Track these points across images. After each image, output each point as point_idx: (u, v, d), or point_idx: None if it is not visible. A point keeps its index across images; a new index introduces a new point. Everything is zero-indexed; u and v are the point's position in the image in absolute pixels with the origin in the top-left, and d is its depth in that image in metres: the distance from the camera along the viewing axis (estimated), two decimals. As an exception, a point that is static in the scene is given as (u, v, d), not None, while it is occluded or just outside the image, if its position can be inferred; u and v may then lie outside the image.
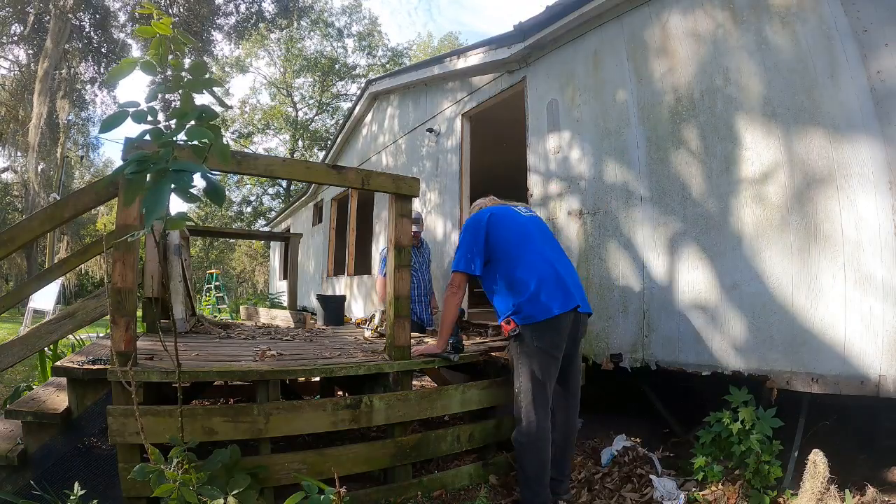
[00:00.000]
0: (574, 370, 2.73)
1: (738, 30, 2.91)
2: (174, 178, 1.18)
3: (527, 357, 2.48)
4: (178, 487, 1.66)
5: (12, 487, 2.28)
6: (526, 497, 2.50)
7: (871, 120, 2.35)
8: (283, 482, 2.27)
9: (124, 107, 1.31)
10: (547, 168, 4.27)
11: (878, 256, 2.30)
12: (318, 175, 3.09)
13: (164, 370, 2.16)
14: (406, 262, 2.85)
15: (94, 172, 31.38)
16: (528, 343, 2.47)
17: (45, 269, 4.26)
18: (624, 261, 3.50)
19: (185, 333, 3.68)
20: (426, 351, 2.91)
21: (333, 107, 30.91)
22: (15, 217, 21.79)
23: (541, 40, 4.16)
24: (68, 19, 15.71)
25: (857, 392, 2.34)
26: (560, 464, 2.68)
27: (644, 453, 3.10)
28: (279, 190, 31.02)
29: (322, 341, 3.65)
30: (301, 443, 3.33)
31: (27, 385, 3.79)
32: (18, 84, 18.72)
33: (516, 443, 2.52)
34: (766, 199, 2.73)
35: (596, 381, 3.77)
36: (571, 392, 2.73)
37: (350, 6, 30.14)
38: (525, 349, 2.49)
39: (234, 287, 30.25)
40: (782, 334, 2.63)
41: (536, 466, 2.45)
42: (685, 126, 3.16)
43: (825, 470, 2.26)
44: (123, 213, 2.18)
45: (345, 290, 9.01)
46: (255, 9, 18.66)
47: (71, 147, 21.75)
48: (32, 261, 19.55)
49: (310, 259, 11.84)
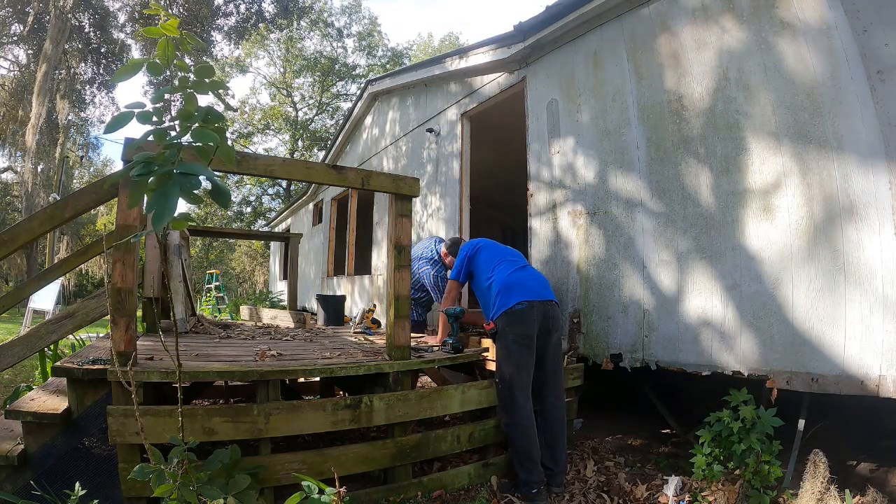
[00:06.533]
0: (551, 358, 2.97)
1: (739, 30, 2.91)
2: (182, 180, 1.18)
3: (504, 348, 2.89)
4: (178, 487, 1.66)
5: (12, 487, 2.28)
6: (522, 477, 2.71)
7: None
8: (283, 482, 2.27)
9: (129, 108, 1.30)
10: (547, 169, 4.27)
11: (878, 256, 2.30)
12: (318, 175, 3.09)
13: (164, 370, 2.16)
14: (406, 262, 2.85)
15: (94, 172, 31.39)
16: (503, 334, 2.88)
17: (45, 269, 4.25)
18: (624, 261, 3.51)
19: (185, 333, 3.68)
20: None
21: (333, 107, 30.91)
22: (15, 217, 21.79)
23: (541, 40, 4.17)
24: (68, 19, 15.71)
25: (858, 392, 2.34)
26: (553, 453, 2.83)
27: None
28: (279, 190, 31.01)
29: (322, 341, 3.65)
30: (301, 443, 3.33)
31: (27, 385, 3.79)
32: (18, 84, 18.71)
33: (504, 426, 2.88)
34: (766, 200, 2.73)
35: (596, 381, 3.78)
36: (552, 379, 2.97)
37: (349, 6, 30.17)
38: (501, 341, 2.91)
39: (234, 287, 30.21)
40: (782, 334, 2.63)
41: (526, 444, 2.73)
42: (685, 126, 3.16)
43: (825, 470, 2.27)
44: (123, 214, 2.18)
45: (344, 290, 9.01)
46: (255, 9, 18.67)
47: (70, 147, 21.73)
48: (32, 261, 19.55)
49: (310, 259, 11.84)
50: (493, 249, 3.32)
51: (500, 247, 3.39)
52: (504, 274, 3.07)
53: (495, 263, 3.17)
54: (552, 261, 4.13)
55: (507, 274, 3.06)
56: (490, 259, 3.21)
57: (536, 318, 2.87)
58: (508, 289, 2.95)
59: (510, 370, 2.83)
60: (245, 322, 5.64)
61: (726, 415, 2.66)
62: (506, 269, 3.10)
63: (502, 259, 3.21)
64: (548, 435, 2.87)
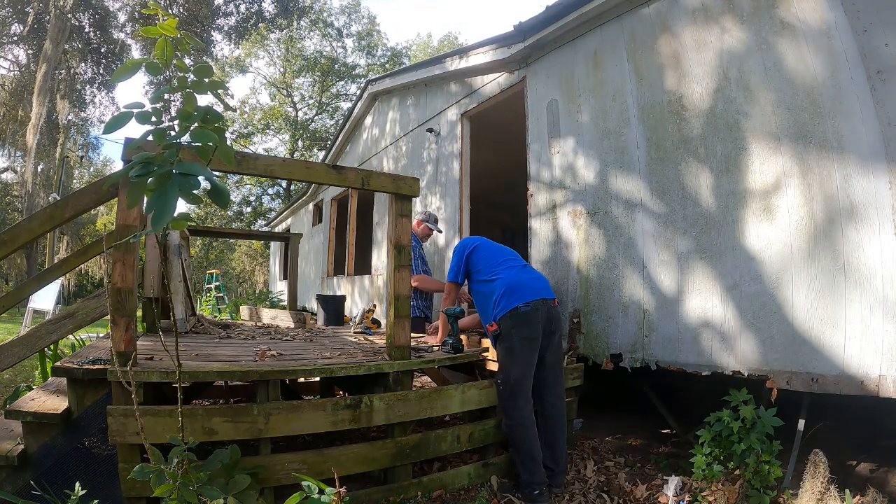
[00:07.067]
0: (552, 358, 2.96)
1: (739, 31, 2.91)
2: (181, 181, 1.17)
3: (508, 349, 2.87)
4: (178, 487, 1.66)
5: (12, 487, 2.28)
6: (524, 478, 2.70)
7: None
8: (283, 482, 2.27)
9: (128, 108, 1.30)
10: (547, 169, 4.27)
11: (878, 256, 2.30)
12: (318, 175, 3.08)
13: (164, 370, 2.16)
14: (406, 262, 2.85)
15: (94, 172, 31.38)
16: (508, 336, 2.87)
17: (45, 269, 4.25)
18: (624, 260, 3.51)
19: (185, 333, 3.68)
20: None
21: (333, 107, 30.92)
22: (15, 217, 21.79)
23: (541, 40, 4.17)
24: (68, 19, 15.71)
25: (858, 392, 2.34)
26: (553, 453, 2.83)
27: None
28: (279, 190, 31.01)
29: (322, 341, 3.64)
30: (301, 443, 3.33)
31: (27, 385, 3.79)
32: (18, 84, 18.71)
33: (505, 427, 2.86)
34: (766, 200, 2.73)
35: (596, 381, 3.78)
36: (553, 379, 2.96)
37: (349, 6, 30.17)
38: (505, 342, 2.89)
39: (234, 287, 30.20)
40: (782, 334, 2.63)
41: (528, 445, 2.73)
42: (685, 126, 3.16)
43: (825, 470, 2.27)
44: (123, 214, 2.17)
45: (344, 290, 9.01)
46: (255, 9, 18.67)
47: (70, 147, 21.74)
48: (32, 261, 19.55)
49: (310, 259, 11.84)
50: (493, 249, 3.30)
51: (499, 246, 3.37)
52: (509, 274, 3.04)
53: (498, 263, 3.14)
54: (552, 261, 4.13)
55: (512, 274, 3.04)
56: (491, 258, 3.19)
57: (541, 319, 2.86)
58: (513, 289, 2.93)
59: (513, 372, 2.82)
60: (245, 322, 5.64)
61: (726, 415, 2.66)
62: (510, 269, 3.08)
63: (505, 258, 3.18)
64: (548, 435, 2.86)
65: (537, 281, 3.06)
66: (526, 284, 2.96)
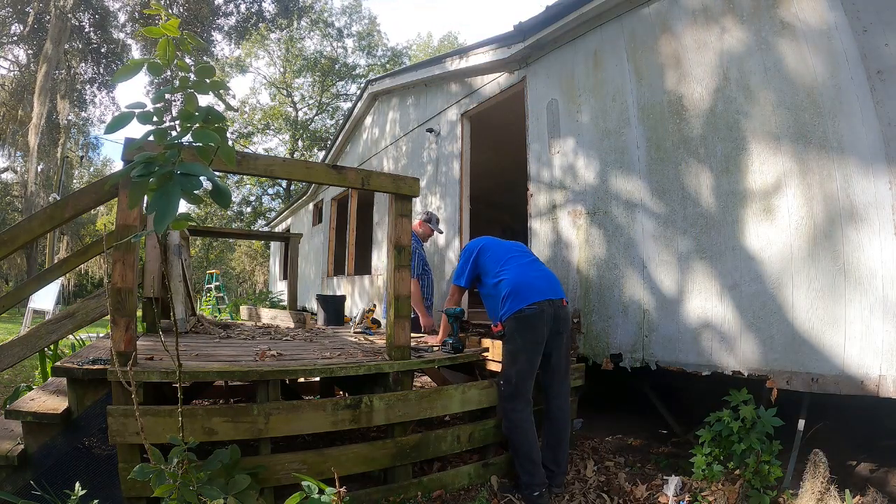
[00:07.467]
0: (559, 359, 2.92)
1: (739, 31, 2.91)
2: (183, 181, 1.17)
3: (511, 351, 2.85)
4: (178, 487, 1.66)
5: (12, 487, 2.28)
6: (524, 480, 2.69)
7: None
8: (283, 482, 2.27)
9: (129, 108, 1.30)
10: (547, 169, 4.27)
11: (878, 256, 2.30)
12: (318, 175, 3.08)
13: (164, 370, 2.16)
14: (406, 262, 2.85)
15: (94, 172, 31.39)
16: (512, 338, 2.83)
17: (45, 269, 4.25)
18: (624, 261, 3.51)
19: (185, 333, 3.68)
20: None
21: (333, 107, 30.91)
22: (15, 217, 21.78)
23: (541, 40, 4.17)
24: (68, 19, 15.71)
25: (858, 392, 2.34)
26: (556, 454, 2.82)
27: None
28: (279, 190, 31.01)
29: (322, 341, 3.65)
30: (301, 443, 3.33)
31: (27, 385, 3.79)
32: (18, 84, 18.71)
33: (505, 429, 2.84)
34: (766, 200, 2.73)
35: (596, 381, 3.78)
36: (559, 380, 2.93)
37: (349, 6, 30.18)
38: (509, 344, 2.86)
39: (234, 287, 30.20)
40: (782, 334, 2.63)
41: (527, 447, 2.71)
42: (685, 126, 3.16)
43: (825, 470, 2.27)
44: (124, 214, 2.17)
45: (344, 290, 9.01)
46: (255, 9, 18.66)
47: (71, 147, 21.74)
48: (32, 261, 19.55)
49: (310, 259, 11.83)
50: (498, 248, 3.24)
51: (504, 243, 3.31)
52: (513, 273, 2.97)
53: (503, 262, 3.09)
54: (552, 261, 4.13)
55: (517, 273, 2.97)
56: (496, 258, 3.13)
57: (547, 321, 2.81)
58: (518, 290, 2.87)
59: (515, 374, 2.79)
60: (245, 322, 5.64)
61: (726, 415, 2.66)
62: (515, 267, 3.01)
63: (510, 255, 3.13)
64: (552, 437, 2.85)
65: (544, 280, 2.98)
66: (532, 285, 2.90)
